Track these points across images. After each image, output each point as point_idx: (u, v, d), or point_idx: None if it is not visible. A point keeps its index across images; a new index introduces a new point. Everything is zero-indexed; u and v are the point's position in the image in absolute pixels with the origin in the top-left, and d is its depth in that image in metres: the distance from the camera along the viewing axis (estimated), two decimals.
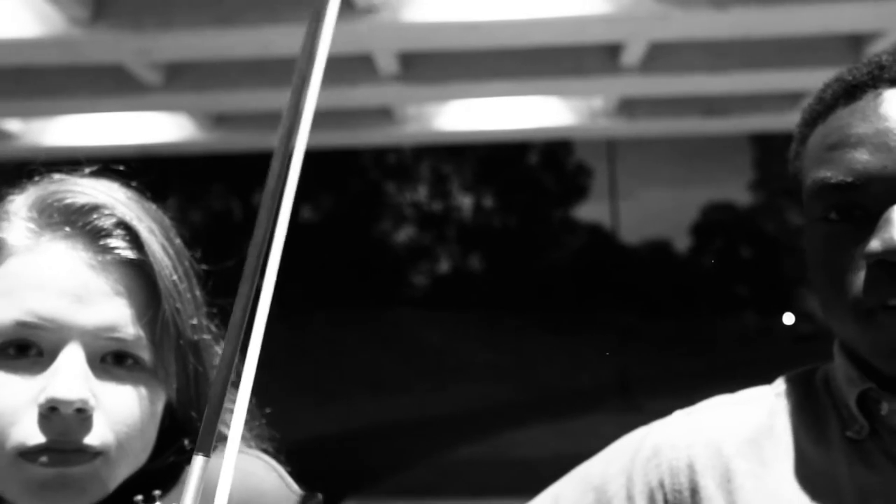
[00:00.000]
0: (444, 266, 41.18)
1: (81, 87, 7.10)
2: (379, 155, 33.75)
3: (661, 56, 6.82)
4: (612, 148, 29.25)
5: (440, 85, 7.16)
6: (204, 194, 30.24)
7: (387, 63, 6.66)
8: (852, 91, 0.92)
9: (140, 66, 6.54)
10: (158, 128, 8.47)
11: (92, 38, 5.80)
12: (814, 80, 1.00)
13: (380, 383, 19.05)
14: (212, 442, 0.54)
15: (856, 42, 6.63)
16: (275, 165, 0.58)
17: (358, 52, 6.51)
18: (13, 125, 8.39)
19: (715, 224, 50.34)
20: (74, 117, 8.20)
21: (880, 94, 0.90)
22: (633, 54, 6.57)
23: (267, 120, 8.48)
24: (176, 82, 7.09)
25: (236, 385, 0.55)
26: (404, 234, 38.71)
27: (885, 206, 0.86)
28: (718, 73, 6.91)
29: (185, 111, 8.27)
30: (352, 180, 33.30)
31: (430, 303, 33.38)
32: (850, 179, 0.88)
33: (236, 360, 0.57)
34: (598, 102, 8.39)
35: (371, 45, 6.30)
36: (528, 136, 12.63)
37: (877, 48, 6.25)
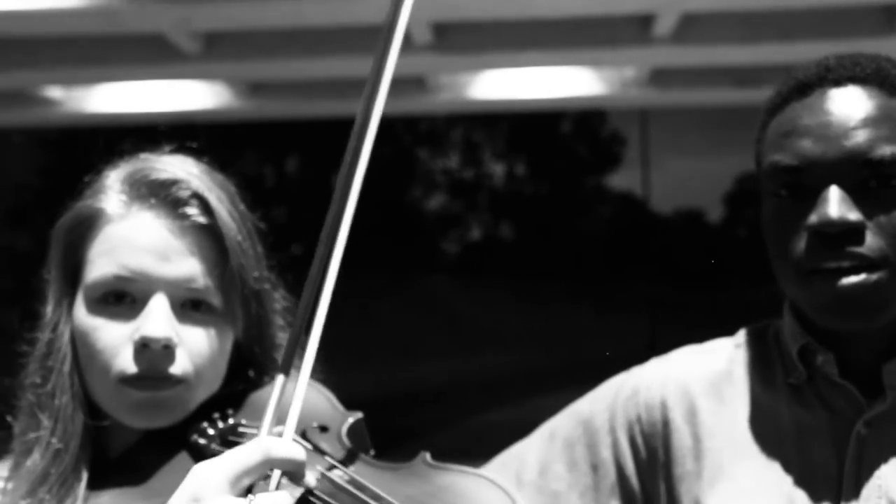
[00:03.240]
0: (475, 233, 41.11)
1: (122, 55, 7.24)
2: (411, 122, 33.68)
3: (693, 27, 6.83)
4: (644, 117, 29.02)
5: (473, 54, 7.22)
6: (237, 160, 30.41)
7: (420, 32, 6.73)
8: (803, 88, 1.08)
9: (179, 35, 6.67)
10: (196, 96, 8.61)
11: (133, 7, 5.93)
12: (847, 51, 1.11)
13: (410, 348, 19.22)
14: (290, 365, 0.75)
15: (890, 14, 6.58)
16: (351, 144, 0.76)
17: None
18: (56, 92, 8.59)
19: (749, 194, 49.77)
20: (115, 85, 8.36)
21: (825, 92, 1.05)
22: (665, 25, 6.60)
23: (301, 88, 8.59)
24: (214, 51, 7.21)
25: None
26: (436, 201, 38.63)
27: (823, 186, 1.01)
28: (751, 44, 6.91)
29: (223, 79, 8.40)
30: (384, 147, 33.34)
31: (461, 270, 33.42)
32: (796, 163, 1.03)
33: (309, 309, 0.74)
34: (629, 72, 8.41)
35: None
36: (560, 106, 12.65)
37: None
